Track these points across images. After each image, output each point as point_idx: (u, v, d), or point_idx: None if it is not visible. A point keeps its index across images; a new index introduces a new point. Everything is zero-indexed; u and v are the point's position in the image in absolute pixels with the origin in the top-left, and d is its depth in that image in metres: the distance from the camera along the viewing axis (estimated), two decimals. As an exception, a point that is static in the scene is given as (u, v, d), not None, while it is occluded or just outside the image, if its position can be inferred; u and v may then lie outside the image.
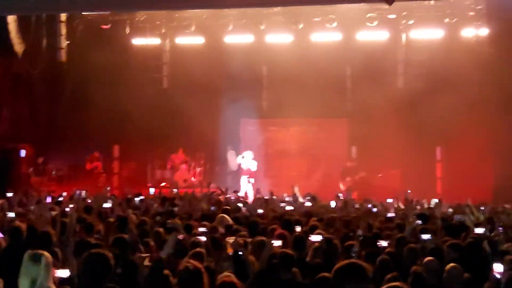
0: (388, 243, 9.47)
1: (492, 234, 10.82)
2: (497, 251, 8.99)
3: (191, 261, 6.65)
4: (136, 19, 25.17)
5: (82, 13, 23.94)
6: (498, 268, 7.78)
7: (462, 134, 22.22)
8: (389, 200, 16.46)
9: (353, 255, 8.40)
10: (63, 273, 6.52)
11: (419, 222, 11.42)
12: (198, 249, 8.21)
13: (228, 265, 7.96)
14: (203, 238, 9.13)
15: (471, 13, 23.34)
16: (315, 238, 9.09)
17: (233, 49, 25.03)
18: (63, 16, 25.19)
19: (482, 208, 15.25)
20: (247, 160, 23.87)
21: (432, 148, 24.11)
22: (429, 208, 15.49)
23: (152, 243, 9.09)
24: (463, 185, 20.06)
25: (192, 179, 25.51)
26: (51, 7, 20.00)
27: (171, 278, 6.57)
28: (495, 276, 7.76)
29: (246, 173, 23.73)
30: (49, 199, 16.06)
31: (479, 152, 21.85)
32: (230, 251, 8.25)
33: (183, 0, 17.95)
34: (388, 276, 7.26)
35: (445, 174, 24.13)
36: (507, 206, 15.77)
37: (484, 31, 23.41)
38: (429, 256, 8.22)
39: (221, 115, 24.33)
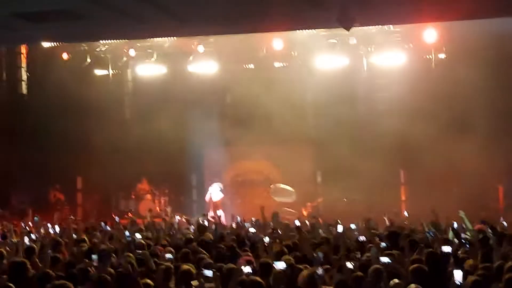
0: (354, 266, 9.44)
1: (459, 252, 10.87)
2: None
3: None
4: (97, 49, 25.02)
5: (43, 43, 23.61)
6: (457, 275, 7.81)
7: (425, 157, 22.42)
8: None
9: (317, 279, 8.34)
10: None
11: (383, 244, 11.40)
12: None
13: None
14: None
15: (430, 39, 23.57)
16: (280, 265, 8.99)
17: (195, 78, 25.00)
18: (23, 48, 24.99)
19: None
20: (214, 191, 23.76)
21: (396, 172, 24.28)
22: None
23: None
24: (427, 207, 20.15)
25: (157, 209, 25.29)
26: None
27: None
28: (455, 283, 7.79)
29: (214, 204, 23.66)
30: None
31: (442, 175, 22.09)
32: None
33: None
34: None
35: (409, 196, 24.29)
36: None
37: (442, 56, 23.87)
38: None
39: (185, 144, 24.26)
